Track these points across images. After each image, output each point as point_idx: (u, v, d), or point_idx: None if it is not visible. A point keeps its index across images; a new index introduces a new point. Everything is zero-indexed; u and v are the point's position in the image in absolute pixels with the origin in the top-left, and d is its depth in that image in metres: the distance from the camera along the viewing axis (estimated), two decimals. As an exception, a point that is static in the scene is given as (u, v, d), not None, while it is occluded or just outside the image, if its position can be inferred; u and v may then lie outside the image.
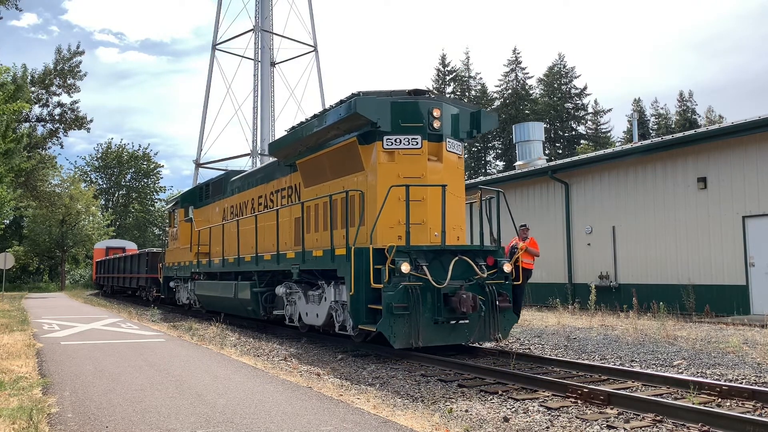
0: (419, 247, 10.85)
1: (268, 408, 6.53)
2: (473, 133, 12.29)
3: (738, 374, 9.12)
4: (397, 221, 11.24)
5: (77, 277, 63.18)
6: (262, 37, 54.86)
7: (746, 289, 17.64)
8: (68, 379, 8.46)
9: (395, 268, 10.33)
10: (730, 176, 18.28)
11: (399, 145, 11.48)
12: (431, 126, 11.57)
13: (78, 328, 16.27)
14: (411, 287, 10.36)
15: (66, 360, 10.34)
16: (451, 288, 10.58)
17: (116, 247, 47.02)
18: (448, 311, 10.62)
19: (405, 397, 7.91)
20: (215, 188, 20.21)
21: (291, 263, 13.22)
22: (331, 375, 9.57)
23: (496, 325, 11.02)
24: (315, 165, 13.40)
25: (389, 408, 6.84)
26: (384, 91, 11.72)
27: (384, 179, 11.40)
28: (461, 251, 11.04)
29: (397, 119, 11.47)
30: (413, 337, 10.32)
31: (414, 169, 11.46)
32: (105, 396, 7.25)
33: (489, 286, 11.02)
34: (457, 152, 12.14)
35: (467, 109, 12.35)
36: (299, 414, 6.26)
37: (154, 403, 6.79)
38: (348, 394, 7.58)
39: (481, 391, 8.27)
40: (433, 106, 11.61)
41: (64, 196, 55.24)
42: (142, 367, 9.49)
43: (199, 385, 7.91)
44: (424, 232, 11.27)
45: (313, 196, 13.35)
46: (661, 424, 6.46)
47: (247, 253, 15.82)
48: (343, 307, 11.76)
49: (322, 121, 12.32)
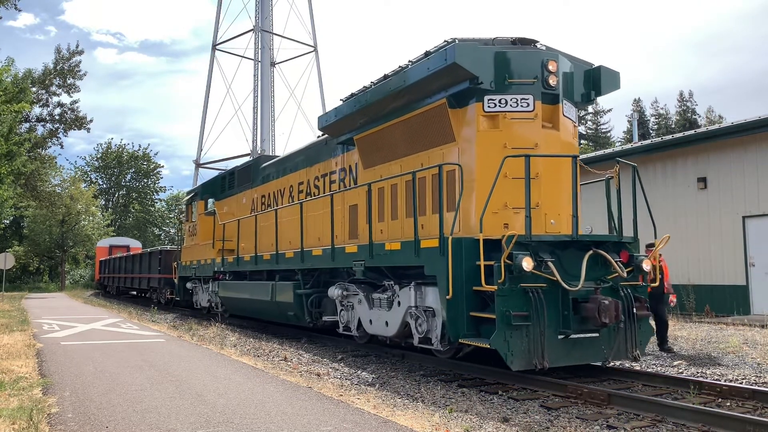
0: (545, 237, 7.99)
1: (268, 408, 6.37)
2: (590, 95, 9.36)
3: (738, 374, 8.79)
4: (503, 204, 8.38)
5: (77, 278, 60.71)
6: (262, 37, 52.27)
7: (746, 289, 16.96)
8: (68, 379, 8.16)
9: (514, 264, 7.44)
10: (730, 176, 17.55)
11: (505, 107, 8.58)
12: (546, 83, 8.67)
13: (78, 328, 15.61)
14: (532, 290, 7.53)
15: (66, 360, 9.94)
16: (582, 292, 7.70)
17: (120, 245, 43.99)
18: (578, 321, 7.77)
19: (405, 397, 7.63)
20: (241, 177, 16.99)
21: (352, 259, 10.26)
22: (332, 375, 9.12)
23: (634, 339, 8.16)
24: (381, 139, 10.43)
25: (389, 408, 6.66)
26: (480, 39, 8.81)
27: (485, 151, 8.55)
28: (595, 243, 8.13)
29: (503, 74, 8.58)
30: (536, 356, 7.52)
31: (525, 137, 8.57)
32: (105, 396, 7.04)
33: (624, 288, 8.15)
34: (572, 118, 9.24)
35: (582, 66, 9.40)
36: (299, 414, 6.11)
37: (154, 403, 6.62)
38: (348, 395, 7.33)
39: (481, 391, 7.96)
40: (548, 57, 8.72)
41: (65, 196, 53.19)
42: (142, 367, 9.13)
43: (199, 385, 7.67)
44: (538, 217, 8.36)
45: (376, 177, 10.40)
46: (661, 424, 6.31)
47: (288, 249, 12.81)
48: (426, 315, 8.88)
49: (402, 79, 9.33)
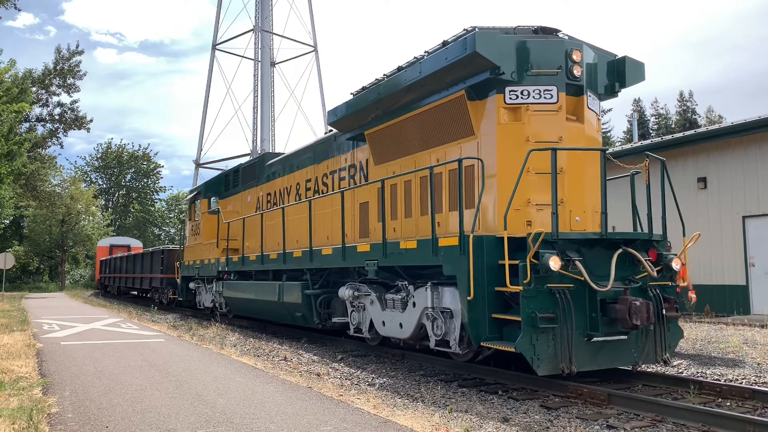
0: (572, 235, 7.54)
1: (268, 408, 6.30)
2: (614, 87, 8.89)
3: (738, 374, 8.70)
4: (526, 201, 7.95)
5: (77, 277, 60.29)
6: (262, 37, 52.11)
7: (746, 289, 16.77)
8: (68, 379, 8.09)
9: (540, 263, 7.00)
10: (730, 176, 17.30)
11: (527, 98, 8.13)
12: (570, 74, 8.22)
13: (78, 328, 15.45)
14: (559, 290, 7.11)
15: (66, 360, 9.84)
16: (611, 292, 7.26)
17: (121, 245, 43.33)
18: (606, 323, 7.33)
19: (405, 397, 7.54)
20: (246, 174, 16.45)
21: (365, 258, 9.80)
22: (331, 375, 9.00)
23: (663, 342, 7.73)
24: (394, 134, 9.99)
25: (389, 408, 6.59)
26: (501, 28, 8.35)
27: (507, 145, 8.13)
28: (624, 241, 7.68)
29: (524, 64, 8.15)
30: (562, 360, 7.10)
31: (548, 131, 8.13)
32: (105, 396, 6.97)
33: (653, 289, 7.71)
34: (596, 111, 8.79)
35: (605, 56, 8.92)
36: (299, 414, 6.04)
37: (154, 403, 6.55)
38: (348, 394, 7.24)
39: (481, 391, 7.85)
40: (572, 47, 8.27)
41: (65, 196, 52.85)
42: (142, 367, 9.03)
43: (199, 385, 7.58)
44: (562, 215, 7.89)
45: (388, 173, 9.96)
46: (661, 424, 6.23)
47: (296, 248, 12.35)
48: (444, 316, 8.44)
49: (417, 71, 8.87)
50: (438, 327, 8.57)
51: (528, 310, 6.99)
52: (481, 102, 8.36)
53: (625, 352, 7.62)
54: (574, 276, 7.21)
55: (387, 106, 9.82)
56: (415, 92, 9.15)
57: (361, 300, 10.43)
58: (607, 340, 7.46)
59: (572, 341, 7.09)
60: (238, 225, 15.16)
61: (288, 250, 12.43)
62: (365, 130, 10.57)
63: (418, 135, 9.44)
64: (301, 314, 11.92)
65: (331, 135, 12.21)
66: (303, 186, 13.15)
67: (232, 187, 17.21)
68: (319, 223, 11.75)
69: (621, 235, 7.75)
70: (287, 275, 12.76)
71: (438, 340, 8.59)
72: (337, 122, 11.12)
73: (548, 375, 7.17)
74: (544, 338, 7.05)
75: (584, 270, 7.17)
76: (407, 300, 9.21)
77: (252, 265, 14.20)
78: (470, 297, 7.45)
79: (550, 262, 7.00)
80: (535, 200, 7.93)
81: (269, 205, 14.69)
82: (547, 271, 7.02)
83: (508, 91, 8.10)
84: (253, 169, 16.01)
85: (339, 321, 11.23)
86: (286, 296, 12.29)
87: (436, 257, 8.18)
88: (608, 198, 7.72)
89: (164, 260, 23.69)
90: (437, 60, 8.45)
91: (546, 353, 7.04)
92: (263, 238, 13.61)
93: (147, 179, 73.48)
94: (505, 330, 7.53)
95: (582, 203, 8.15)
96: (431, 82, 8.75)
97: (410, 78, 9.00)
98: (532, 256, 7.01)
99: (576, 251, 7.39)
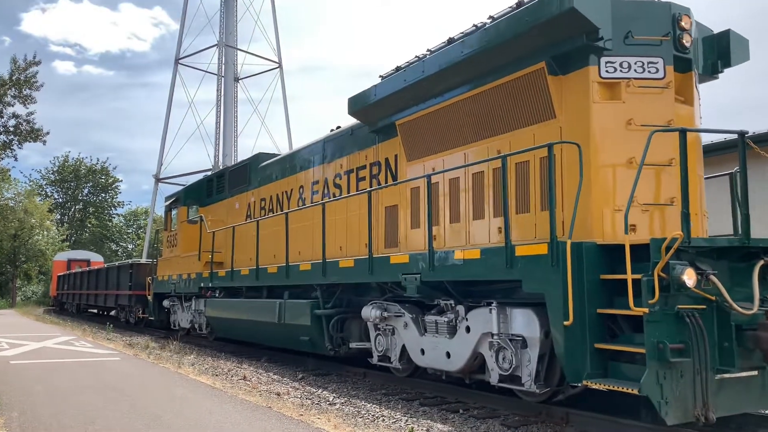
0: (706, 242, 5.71)
1: (226, 429, 5.93)
2: (717, 66, 7.11)
3: None
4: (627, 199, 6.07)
5: (29, 294, 56.72)
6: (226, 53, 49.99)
7: None
8: (17, 399, 7.54)
9: (670, 278, 5.15)
10: None
11: (627, 72, 6.33)
12: (679, 44, 6.45)
13: (29, 346, 14.48)
14: (689, 313, 5.30)
15: (15, 380, 9.27)
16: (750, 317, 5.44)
17: (80, 259, 39.77)
18: (743, 356, 5.48)
19: (366, 416, 7.08)
20: (235, 178, 14.12)
21: (400, 272, 7.78)
22: (292, 394, 8.53)
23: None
24: (437, 122, 8.03)
25: (350, 427, 6.27)
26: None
27: (604, 129, 6.30)
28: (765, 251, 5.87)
29: (624, 30, 6.32)
30: (697, 404, 5.26)
31: (654, 113, 6.32)
32: (55, 417, 6.46)
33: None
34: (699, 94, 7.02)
35: (703, 30, 7.15)
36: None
37: (107, 424, 6.11)
38: (309, 414, 6.80)
39: (442, 409, 7.44)
40: (680, 11, 6.50)
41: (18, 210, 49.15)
42: (95, 386, 8.54)
43: (154, 405, 7.10)
44: (674, 216, 6.10)
45: (427, 171, 8.00)
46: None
47: (302, 260, 10.20)
48: (515, 346, 6.49)
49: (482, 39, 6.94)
50: (505, 359, 6.64)
51: (654, 339, 5.18)
52: (566, 77, 6.50)
53: (757, 391, 5.81)
54: (705, 295, 5.41)
55: (428, 89, 7.89)
56: (472, 69, 7.22)
57: (390, 322, 8.39)
58: (736, 376, 5.67)
59: (707, 379, 5.28)
60: (226, 235, 12.83)
61: (292, 263, 10.25)
62: (397, 119, 8.59)
63: (473, 122, 7.51)
64: (308, 338, 9.78)
65: (347, 129, 10.17)
66: (308, 188, 11.00)
67: (216, 194, 14.81)
68: (331, 231, 9.67)
69: (765, 242, 5.92)
70: (289, 292, 10.58)
71: (503, 375, 6.67)
72: (361, 111, 9.09)
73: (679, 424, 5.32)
74: (672, 375, 5.23)
75: (722, 287, 5.37)
76: (458, 324, 7.25)
77: (244, 281, 11.87)
78: (568, 322, 5.61)
79: (684, 276, 5.21)
80: (642, 199, 6.11)
81: (263, 212, 12.44)
82: (678, 288, 5.22)
83: (604, 62, 6.28)
84: (244, 171, 13.66)
85: (358, 347, 9.14)
86: (289, 317, 10.11)
87: (510, 270, 6.26)
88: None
89: (132, 275, 20.97)
90: (511, 24, 6.58)
91: (674, 395, 5.23)
92: (258, 249, 11.31)
93: (105, 194, 70.00)
94: (612, 365, 5.69)
95: (694, 204, 6.35)
96: (498, 54, 6.84)
97: (468, 50, 7.09)
98: (661, 269, 5.18)
99: (710, 263, 5.58)
